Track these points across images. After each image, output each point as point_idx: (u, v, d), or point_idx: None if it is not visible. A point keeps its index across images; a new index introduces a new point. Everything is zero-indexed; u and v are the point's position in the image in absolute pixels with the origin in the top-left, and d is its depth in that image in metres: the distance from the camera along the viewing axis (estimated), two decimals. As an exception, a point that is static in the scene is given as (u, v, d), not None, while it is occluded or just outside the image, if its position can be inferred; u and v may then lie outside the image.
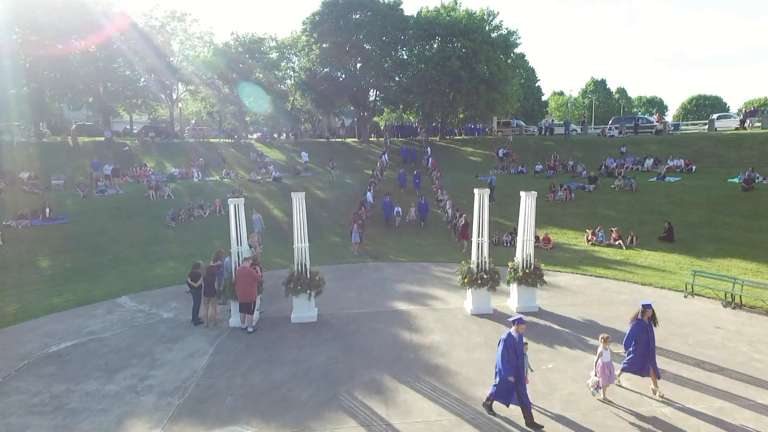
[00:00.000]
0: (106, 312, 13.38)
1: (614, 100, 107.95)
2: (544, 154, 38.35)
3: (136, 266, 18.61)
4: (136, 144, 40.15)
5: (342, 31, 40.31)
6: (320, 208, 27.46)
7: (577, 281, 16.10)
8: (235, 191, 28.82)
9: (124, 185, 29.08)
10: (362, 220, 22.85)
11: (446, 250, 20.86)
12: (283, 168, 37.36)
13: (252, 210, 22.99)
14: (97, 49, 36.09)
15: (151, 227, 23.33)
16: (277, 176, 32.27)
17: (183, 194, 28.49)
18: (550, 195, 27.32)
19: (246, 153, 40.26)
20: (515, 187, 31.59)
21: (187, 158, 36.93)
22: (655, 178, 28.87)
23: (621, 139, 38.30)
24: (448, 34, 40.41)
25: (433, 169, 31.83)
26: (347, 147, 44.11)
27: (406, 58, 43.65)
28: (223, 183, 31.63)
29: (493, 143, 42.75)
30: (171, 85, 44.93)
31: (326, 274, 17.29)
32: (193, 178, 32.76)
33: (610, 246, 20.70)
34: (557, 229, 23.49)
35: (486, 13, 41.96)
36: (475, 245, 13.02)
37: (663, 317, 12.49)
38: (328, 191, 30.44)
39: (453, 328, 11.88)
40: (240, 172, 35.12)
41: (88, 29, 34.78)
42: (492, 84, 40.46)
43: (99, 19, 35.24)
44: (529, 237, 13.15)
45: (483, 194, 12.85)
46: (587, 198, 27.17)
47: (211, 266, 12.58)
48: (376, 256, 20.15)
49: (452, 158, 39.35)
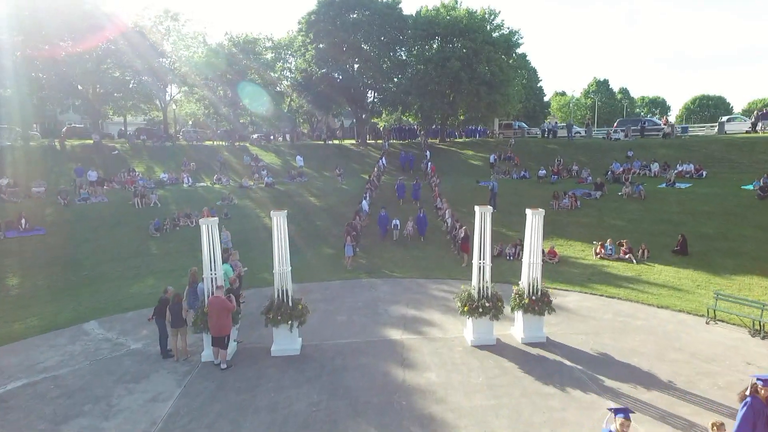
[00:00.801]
0: (69, 341, 12.14)
1: (617, 100, 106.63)
2: (547, 158, 37.05)
3: (113, 283, 17.36)
4: (126, 147, 38.95)
5: (339, 30, 39.07)
6: (313, 216, 26.21)
7: (587, 302, 14.82)
8: (225, 198, 27.62)
9: (109, 192, 27.86)
10: (356, 231, 21.57)
11: (445, 264, 19.59)
12: (277, 172, 36.12)
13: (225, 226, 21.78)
14: (85, 50, 34.90)
15: (134, 239, 22.08)
16: (270, 182, 31.02)
17: (170, 202, 27.26)
18: (555, 202, 26.03)
19: (240, 156, 39.04)
20: (518, 193, 30.56)
21: (179, 162, 35.71)
22: (665, 185, 27.57)
23: (627, 142, 37.00)
24: (448, 33, 39.16)
25: (432, 174, 30.55)
26: (345, 150, 42.84)
27: (405, 58, 42.41)
28: (214, 189, 30.38)
29: (495, 146, 41.49)
30: (164, 86, 43.75)
31: (315, 292, 16.11)
32: (183, 183, 31.53)
33: (620, 260, 19.40)
34: (563, 240, 22.20)
35: (487, 13, 40.69)
36: (476, 268, 11.74)
37: (685, 349, 11.23)
38: (323, 198, 29.18)
39: (451, 364, 10.61)
40: (232, 178, 33.88)
41: (76, 29, 33.59)
42: (493, 85, 39.18)
43: (88, 19, 34.08)
44: (536, 259, 11.86)
45: (485, 212, 11.57)
46: (594, 206, 25.88)
47: (177, 294, 11.30)
48: (370, 270, 18.89)
49: (452, 162, 38.08)
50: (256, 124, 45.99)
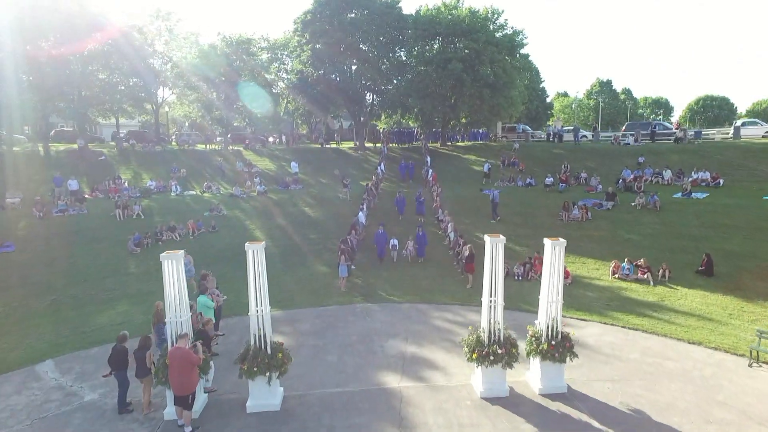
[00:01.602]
0: (15, 390, 10.53)
1: (620, 101, 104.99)
2: (553, 163, 35.43)
3: (81, 310, 15.74)
4: (114, 152, 37.33)
5: (336, 30, 37.46)
6: (307, 228, 24.58)
7: (609, 336, 13.19)
8: (213, 209, 26.01)
9: (91, 202, 26.21)
10: (352, 247, 19.96)
11: (448, 285, 17.96)
12: (271, 179, 34.49)
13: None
14: (71, 52, 33.27)
15: (112, 255, 20.45)
16: (262, 190, 29.39)
17: (155, 213, 25.63)
18: (564, 214, 24.42)
19: (233, 161, 37.40)
20: (525, 202, 28.84)
21: (169, 168, 34.09)
22: (680, 195, 25.96)
23: (637, 147, 35.36)
24: (449, 34, 37.54)
25: (433, 183, 28.91)
26: (342, 154, 41.20)
27: (405, 59, 40.79)
28: (203, 198, 28.74)
29: (498, 150, 39.87)
30: (155, 88, 42.13)
31: (305, 321, 14.50)
32: (171, 192, 29.90)
33: (639, 281, 17.78)
34: (574, 257, 20.56)
35: (490, 12, 39.05)
36: (486, 307, 10.12)
37: (732, 403, 9.60)
38: (318, 207, 27.55)
39: (457, 425, 8.98)
40: (223, 185, 32.25)
41: (60, 29, 32.00)
42: (496, 87, 37.58)
43: (72, 19, 32.49)
44: (556, 297, 10.23)
45: (497, 244, 9.92)
46: (606, 218, 24.24)
47: (146, 337, 9.70)
48: (366, 293, 17.27)
49: (453, 168, 36.45)
50: (255, 125, 44.31)
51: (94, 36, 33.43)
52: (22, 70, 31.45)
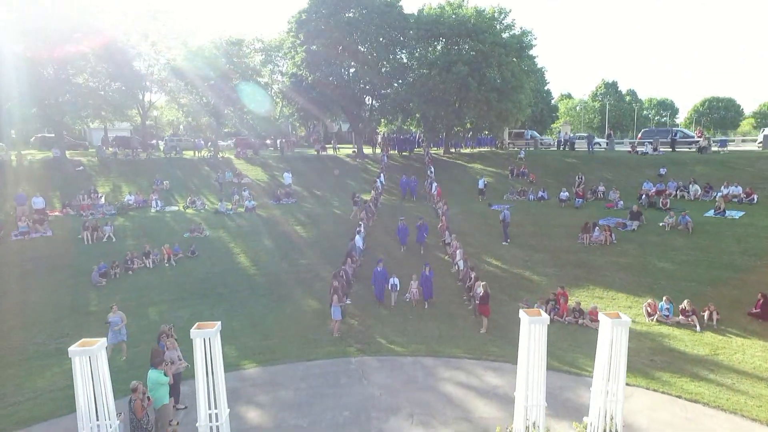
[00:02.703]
0: None
1: (626, 103, 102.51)
2: (565, 174, 32.88)
3: (18, 368, 13.17)
4: (93, 162, 34.77)
5: (332, 31, 34.93)
6: (298, 252, 22.02)
7: (662, 412, 10.61)
8: (195, 229, 23.43)
9: (57, 222, 23.62)
10: (347, 280, 17.42)
11: (458, 329, 15.40)
12: (263, 191, 31.94)
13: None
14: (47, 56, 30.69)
15: (72, 289, 17.91)
16: (251, 206, 26.82)
17: (129, 234, 23.07)
18: (585, 236, 21.85)
19: (222, 171, 34.85)
20: (539, 221, 25.76)
21: (152, 180, 31.55)
22: (713, 213, 23.39)
23: (656, 157, 32.78)
24: (454, 34, 35.01)
25: (438, 199, 26.34)
26: (340, 163, 38.64)
27: (406, 61, 38.27)
28: (185, 216, 26.18)
29: (506, 159, 37.33)
30: (141, 92, 39.60)
31: (286, 386, 11.91)
32: (150, 208, 27.34)
33: (682, 325, 15.22)
34: (601, 289, 18.01)
35: (497, 11, 36.51)
36: (521, 415, 7.54)
37: None
38: (312, 226, 24.99)
39: None
40: (209, 199, 29.70)
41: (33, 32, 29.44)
42: (504, 92, 35.10)
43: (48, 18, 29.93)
44: (617, 391, 7.65)
45: (536, 326, 7.35)
46: (632, 240, 21.66)
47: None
48: (362, 339, 14.72)
49: (458, 178, 33.90)
50: (248, 130, 41.73)
51: (72, 37, 30.88)
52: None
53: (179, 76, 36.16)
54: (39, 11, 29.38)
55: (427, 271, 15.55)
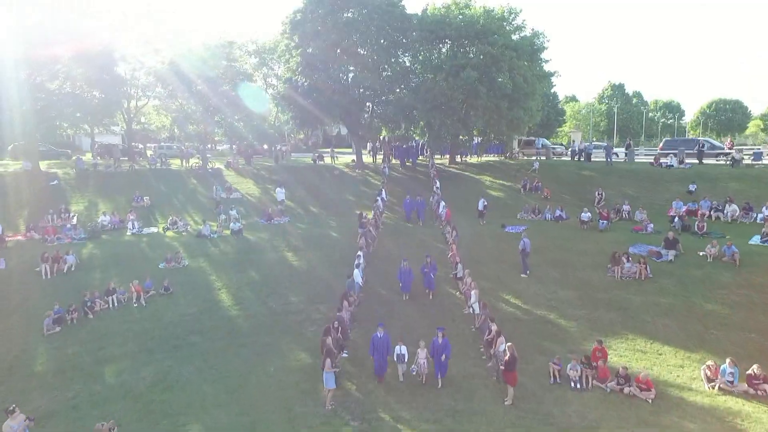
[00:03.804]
0: None
1: (633, 105, 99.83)
2: (582, 189, 30.23)
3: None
4: (70, 175, 32.05)
5: (330, 32, 32.20)
6: (288, 286, 19.27)
7: None
8: (172, 258, 20.69)
9: (16, 250, 20.90)
10: (344, 330, 14.72)
11: (478, 400, 12.59)
12: (252, 208, 29.27)
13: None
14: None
15: (18, 339, 15.19)
16: (238, 229, 24.07)
17: (96, 265, 20.35)
18: (615, 269, 19.12)
19: (209, 184, 32.18)
20: (559, 245, 21.95)
21: (132, 196, 28.87)
22: (759, 239, 20.65)
23: (683, 171, 30.03)
24: (461, 36, 32.27)
25: (446, 221, 23.57)
26: (338, 174, 35.95)
27: (409, 65, 35.52)
28: (163, 240, 23.48)
29: (517, 171, 34.62)
30: (124, 98, 36.87)
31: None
32: (127, 230, 24.62)
33: (752, 396, 12.47)
34: (643, 341, 15.26)
35: (506, 11, 33.76)
36: None
37: None
38: (304, 254, 22.23)
39: None
40: (193, 218, 27.01)
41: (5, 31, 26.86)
42: (515, 99, 32.36)
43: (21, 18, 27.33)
44: None
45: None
46: (670, 274, 18.89)
47: None
48: (361, 415, 12.01)
49: (466, 193, 31.14)
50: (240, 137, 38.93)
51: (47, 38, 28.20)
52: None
53: (166, 81, 33.46)
54: (11, 11, 26.84)
55: (440, 338, 12.56)
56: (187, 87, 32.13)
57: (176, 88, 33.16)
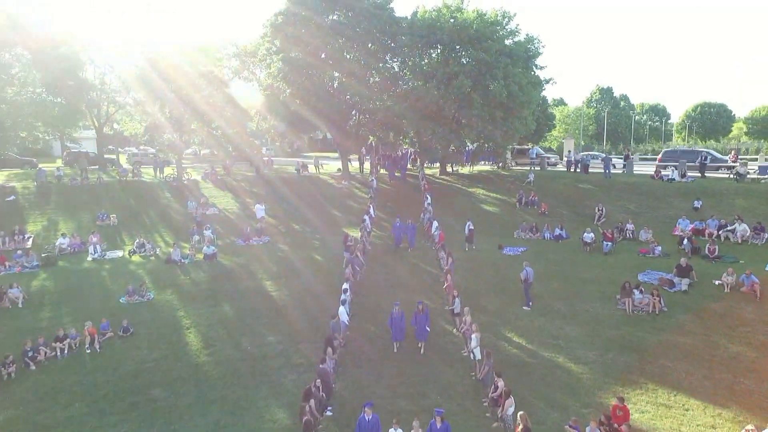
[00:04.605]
0: None
1: (621, 109, 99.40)
2: (581, 204, 28.66)
3: None
4: (30, 190, 29.48)
5: (314, 36, 30.18)
6: (266, 323, 17.19)
7: None
8: (134, 291, 18.45)
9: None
10: (327, 386, 12.75)
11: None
12: (231, 226, 27.08)
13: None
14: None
15: (-58, 402, 12.89)
16: (211, 253, 21.88)
17: (46, 301, 18.02)
18: (626, 301, 17.44)
19: (184, 199, 29.91)
20: (562, 271, 20.27)
21: (97, 213, 26.53)
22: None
23: (685, 185, 28.62)
24: (453, 41, 30.49)
25: (439, 245, 21.67)
26: (323, 186, 33.92)
27: (398, 70, 33.64)
28: (127, 267, 21.22)
29: (511, 183, 32.94)
30: (90, 105, 34.34)
31: None
32: (88, 254, 22.28)
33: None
34: (665, 392, 13.53)
35: (500, 14, 32.05)
36: None
37: None
38: (284, 282, 20.14)
39: None
40: (164, 239, 24.77)
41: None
42: (510, 108, 30.73)
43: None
44: None
45: None
46: (686, 307, 17.26)
47: None
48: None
49: (459, 208, 29.40)
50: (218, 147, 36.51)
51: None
52: None
53: (138, 86, 31.08)
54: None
55: (438, 422, 10.38)
56: (160, 93, 29.79)
57: (149, 93, 30.80)
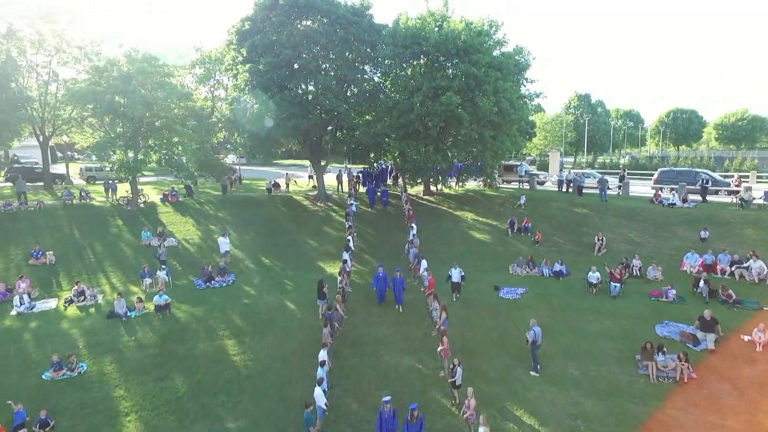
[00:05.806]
0: None
1: (598, 116, 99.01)
2: (577, 230, 26.50)
3: None
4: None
5: (285, 45, 27.07)
6: (223, 401, 14.05)
7: None
8: (60, 364, 15.02)
9: None
10: None
11: None
12: (190, 262, 23.75)
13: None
14: None
15: None
16: (163, 304, 18.49)
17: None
18: (649, 365, 15.04)
19: (138, 227, 26.38)
20: (567, 321, 17.81)
21: (31, 249, 22.84)
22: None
23: (688, 211, 26.73)
24: (439, 52, 27.83)
25: (429, 291, 18.85)
26: (296, 209, 30.81)
27: (379, 81, 30.84)
28: (59, 326, 17.64)
29: (501, 204, 30.56)
30: (25, 120, 30.29)
31: None
32: (13, 306, 18.62)
33: None
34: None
35: (486, 23, 29.61)
36: None
37: None
38: (252, 341, 16.98)
39: None
40: (109, 282, 21.26)
41: None
42: (500, 126, 28.39)
43: None
44: None
45: None
46: (718, 373, 14.98)
47: None
48: None
49: (447, 236, 26.82)
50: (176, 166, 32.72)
51: None
52: None
53: (84, 98, 27.28)
54: None
55: None
56: (110, 105, 26.13)
57: (97, 106, 27.08)
